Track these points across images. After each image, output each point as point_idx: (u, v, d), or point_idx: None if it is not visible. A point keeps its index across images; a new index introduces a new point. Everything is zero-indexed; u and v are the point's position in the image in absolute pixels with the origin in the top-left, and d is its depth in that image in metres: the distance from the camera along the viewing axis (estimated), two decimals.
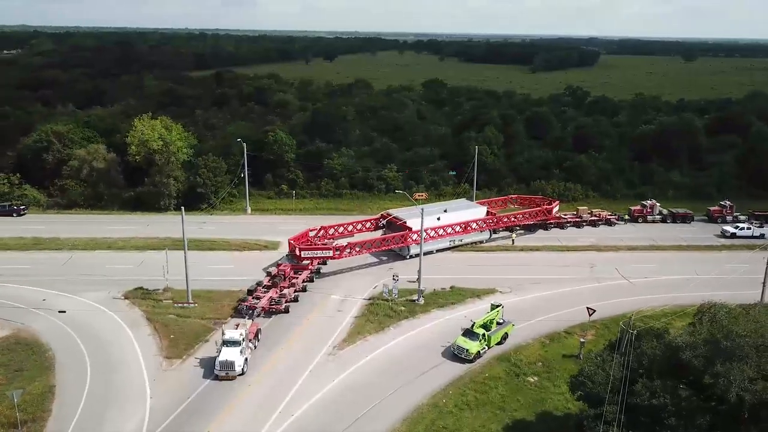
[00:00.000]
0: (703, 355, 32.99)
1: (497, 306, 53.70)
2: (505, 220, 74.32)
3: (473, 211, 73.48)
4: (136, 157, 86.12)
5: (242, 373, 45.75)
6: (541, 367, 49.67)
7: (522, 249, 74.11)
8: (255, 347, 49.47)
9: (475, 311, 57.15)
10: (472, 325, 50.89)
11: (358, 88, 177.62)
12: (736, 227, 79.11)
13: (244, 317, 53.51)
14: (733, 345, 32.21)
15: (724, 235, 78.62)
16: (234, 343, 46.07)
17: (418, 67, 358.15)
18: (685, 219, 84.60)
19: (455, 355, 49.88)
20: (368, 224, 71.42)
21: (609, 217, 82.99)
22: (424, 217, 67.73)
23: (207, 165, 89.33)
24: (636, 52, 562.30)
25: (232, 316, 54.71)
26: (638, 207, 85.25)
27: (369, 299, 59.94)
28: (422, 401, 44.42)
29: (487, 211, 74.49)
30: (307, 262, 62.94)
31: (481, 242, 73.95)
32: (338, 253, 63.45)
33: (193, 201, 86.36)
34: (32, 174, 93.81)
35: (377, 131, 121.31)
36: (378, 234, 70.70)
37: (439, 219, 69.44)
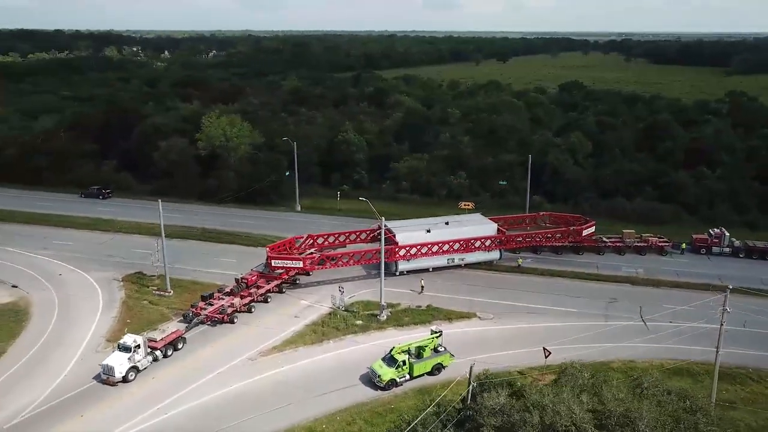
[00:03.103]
0: (496, 426, 26.64)
1: (437, 332, 48.38)
2: (519, 239, 65.55)
3: (480, 227, 65.67)
4: (202, 151, 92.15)
5: (124, 381, 45.16)
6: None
7: (542, 273, 65.51)
8: (165, 355, 48.46)
9: None
10: (392, 350, 46.42)
11: (487, 90, 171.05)
12: None
13: (189, 323, 53.18)
14: (521, 419, 25.51)
15: None
16: (125, 348, 45.89)
17: (594, 68, 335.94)
18: (764, 255, 68.23)
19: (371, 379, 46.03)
20: (363, 235, 66.96)
21: (661, 243, 69.87)
22: (411, 230, 63.70)
23: (267, 161, 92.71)
24: None
25: (179, 321, 54.76)
26: (703, 236, 70.64)
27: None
28: (299, 423, 41.63)
29: (498, 229, 66.26)
30: (281, 271, 60.75)
31: (489, 262, 66.51)
32: (310, 264, 60.49)
33: (252, 195, 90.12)
34: (140, 163, 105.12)
35: (471, 135, 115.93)
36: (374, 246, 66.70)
37: (429, 231, 63.58)
